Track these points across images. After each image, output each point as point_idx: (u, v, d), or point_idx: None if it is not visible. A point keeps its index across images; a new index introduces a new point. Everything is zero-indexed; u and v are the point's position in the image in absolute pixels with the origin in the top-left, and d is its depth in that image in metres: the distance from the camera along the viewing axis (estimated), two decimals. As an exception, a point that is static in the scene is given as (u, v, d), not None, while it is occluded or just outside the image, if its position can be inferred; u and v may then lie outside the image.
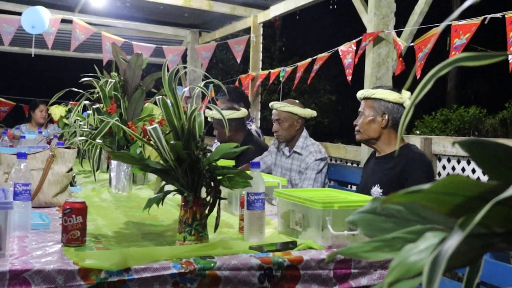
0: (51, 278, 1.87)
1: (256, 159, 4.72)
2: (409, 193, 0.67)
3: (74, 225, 2.19)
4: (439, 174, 3.98)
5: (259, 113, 7.21)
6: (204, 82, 2.44)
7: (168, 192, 2.25)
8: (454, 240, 0.62)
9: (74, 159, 3.29)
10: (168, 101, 2.22)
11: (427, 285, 0.61)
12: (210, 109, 4.88)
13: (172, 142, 2.12)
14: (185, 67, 2.33)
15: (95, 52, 8.57)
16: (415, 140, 3.93)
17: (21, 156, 2.50)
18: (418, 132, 13.58)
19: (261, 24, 7.08)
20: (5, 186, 2.54)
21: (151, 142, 2.18)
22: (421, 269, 0.65)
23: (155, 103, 3.71)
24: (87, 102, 4.27)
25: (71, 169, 3.25)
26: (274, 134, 4.52)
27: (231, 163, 3.67)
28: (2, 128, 7.19)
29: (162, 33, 8.61)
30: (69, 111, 6.20)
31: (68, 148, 3.31)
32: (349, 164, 5.05)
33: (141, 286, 1.93)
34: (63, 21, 7.09)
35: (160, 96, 2.25)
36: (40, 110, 7.81)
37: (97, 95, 4.05)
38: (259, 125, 7.04)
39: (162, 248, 2.16)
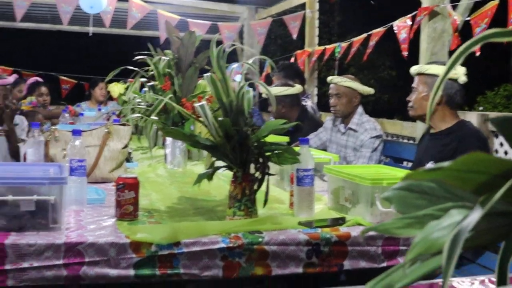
0: (104, 250, 1.93)
1: (311, 135, 4.72)
2: (431, 170, 0.68)
3: (127, 200, 2.25)
4: (496, 151, 3.90)
5: (316, 89, 7.17)
6: (252, 59, 2.44)
7: (218, 168, 2.28)
8: (473, 217, 0.62)
9: (129, 136, 3.36)
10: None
11: (446, 261, 0.62)
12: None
13: (220, 118, 2.15)
14: (233, 45, 2.32)
15: (152, 29, 8.67)
16: (472, 117, 3.85)
17: (76, 133, 2.57)
18: (480, 108, 13.27)
19: (317, 0, 7.02)
20: (62, 163, 2.62)
21: (200, 119, 2.21)
22: (442, 245, 0.65)
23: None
24: (143, 79, 4.34)
25: (126, 146, 3.32)
26: (331, 109, 4.50)
27: (285, 139, 3.68)
28: (63, 106, 7.37)
29: (218, 9, 8.61)
30: (127, 88, 6.29)
31: (123, 125, 3.39)
32: (405, 140, 5.00)
33: (190, 259, 1.98)
34: (120, -1, 7.20)
35: (209, 73, 2.27)
36: (100, 88, 7.96)
37: (152, 72, 4.11)
38: (315, 101, 7.01)
39: (211, 223, 2.20)
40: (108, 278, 1.92)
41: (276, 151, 2.22)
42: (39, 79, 7.58)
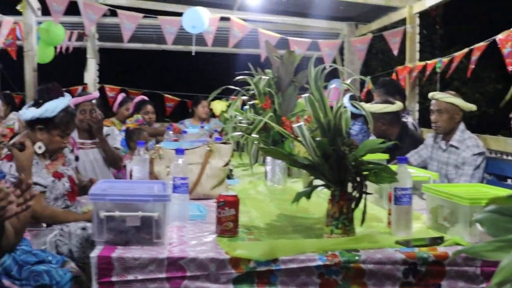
0: (204, 265, 2.01)
1: (412, 153, 4.68)
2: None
3: (227, 217, 2.32)
4: None
5: (417, 104, 7.08)
6: (350, 79, 2.47)
7: (316, 186, 2.31)
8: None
9: (230, 154, 3.45)
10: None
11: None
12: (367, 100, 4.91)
13: (318, 138, 2.19)
14: (331, 65, 2.34)
15: (253, 47, 8.81)
16: None
17: (179, 152, 2.68)
18: None
19: (417, 15, 6.94)
20: (166, 180, 2.73)
21: (299, 138, 2.26)
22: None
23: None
24: (245, 97, 4.44)
25: (227, 163, 3.41)
26: (433, 125, 4.45)
27: (385, 156, 3.67)
28: (167, 123, 7.62)
29: (318, 26, 8.66)
30: (229, 106, 6.42)
31: (225, 143, 3.48)
32: (509, 157, 4.85)
33: (287, 276, 2.02)
34: (222, 19, 7.36)
35: (307, 94, 2.31)
36: (202, 106, 8.17)
37: (253, 91, 4.20)
38: (416, 117, 6.92)
39: (308, 241, 2.23)
40: (208, 292, 2.00)
41: (374, 170, 2.23)
42: (145, 98, 7.87)
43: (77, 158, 4.24)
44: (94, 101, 5.43)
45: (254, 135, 3.81)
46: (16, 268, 2.71)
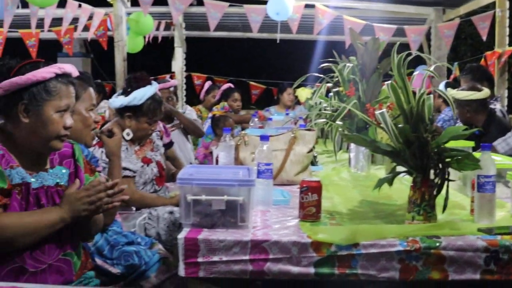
0: (287, 248, 2.07)
1: (499, 140, 4.58)
2: None
3: (310, 202, 2.37)
4: None
5: (506, 91, 6.90)
6: (435, 65, 2.46)
7: (398, 173, 2.33)
8: None
9: (314, 141, 3.49)
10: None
11: None
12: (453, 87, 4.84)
13: (400, 125, 2.21)
14: (408, 53, 2.31)
15: (337, 34, 8.79)
16: None
17: (264, 138, 2.74)
18: None
19: (508, -2, 6.76)
20: (251, 166, 2.80)
21: (381, 125, 2.28)
22: None
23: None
24: (329, 84, 4.47)
25: (311, 150, 3.45)
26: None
27: (470, 144, 3.62)
28: (253, 110, 7.73)
29: (404, 12, 8.53)
30: (314, 93, 6.46)
31: (309, 130, 3.53)
32: None
33: (368, 261, 2.05)
34: (306, 6, 7.38)
35: (389, 81, 2.33)
36: (288, 93, 8.25)
37: (337, 78, 4.22)
38: (505, 104, 6.75)
39: (389, 226, 2.26)
40: (290, 274, 2.05)
41: (456, 157, 2.23)
42: (232, 85, 8.01)
43: (171, 144, 4.39)
44: (172, 89, 5.63)
45: (338, 122, 3.84)
46: (107, 248, 2.85)
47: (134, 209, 3.55)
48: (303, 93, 7.24)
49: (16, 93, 2.16)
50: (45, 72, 2.18)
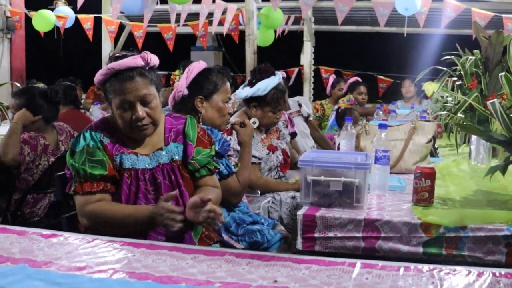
0: (397, 228, 2.22)
1: None
2: None
3: (423, 187, 2.50)
4: None
5: None
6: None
7: (510, 162, 2.41)
8: None
9: (433, 132, 3.57)
10: None
11: None
12: None
13: (512, 115, 2.29)
14: None
15: (465, 27, 8.64)
16: None
17: (382, 126, 2.89)
18: None
19: None
20: (369, 152, 2.96)
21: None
22: None
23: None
24: (455, 78, 4.50)
25: (430, 140, 3.55)
26: None
27: None
28: (378, 103, 7.80)
29: (538, 2, 8.25)
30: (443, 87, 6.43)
31: (428, 121, 3.62)
32: None
33: (475, 243, 2.17)
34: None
35: (503, 73, 2.40)
36: (403, 86, 8.32)
37: (460, 72, 4.26)
38: None
39: (498, 212, 2.34)
40: (400, 252, 2.20)
41: None
42: (359, 79, 8.11)
43: (295, 135, 4.59)
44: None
45: (459, 115, 3.89)
46: (234, 225, 3.09)
47: (259, 193, 3.78)
48: (430, 87, 7.20)
49: (104, 83, 2.39)
50: (99, 74, 2.36)
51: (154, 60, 2.41)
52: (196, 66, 3.09)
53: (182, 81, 3.04)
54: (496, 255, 2.16)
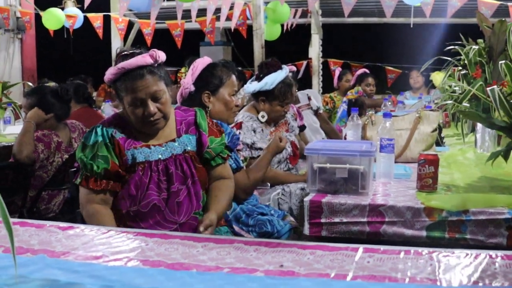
0: (401, 213, 2.29)
1: None
2: None
3: (427, 173, 2.56)
4: None
5: None
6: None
7: (511, 148, 2.47)
8: None
9: (438, 120, 3.64)
10: None
11: None
12: None
13: None
14: None
15: (471, 17, 8.64)
16: None
17: (387, 115, 2.96)
18: None
19: None
20: (373, 141, 3.02)
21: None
22: None
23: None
24: (460, 68, 4.55)
25: (435, 129, 3.61)
26: None
27: None
28: (386, 95, 7.85)
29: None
30: (450, 76, 6.46)
31: (433, 110, 3.68)
32: None
33: (477, 226, 2.23)
34: (440, -12, 7.38)
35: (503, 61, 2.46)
36: (411, 77, 8.38)
37: (464, 61, 4.30)
38: None
39: (499, 196, 2.41)
40: (404, 236, 2.27)
41: None
42: (366, 70, 8.16)
43: (303, 128, 4.66)
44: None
45: (465, 104, 3.94)
46: (244, 216, 3.16)
47: (268, 185, 3.85)
48: (438, 77, 7.25)
49: (115, 82, 2.47)
50: (109, 73, 2.44)
51: (162, 56, 2.48)
52: (201, 62, 3.17)
53: (188, 78, 3.11)
54: (498, 238, 2.22)
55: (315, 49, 11.20)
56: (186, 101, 3.14)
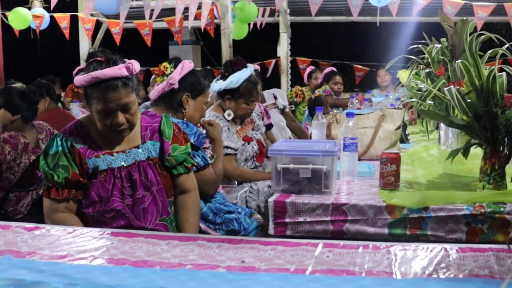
0: (364, 211, 2.34)
1: None
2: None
3: (389, 172, 2.62)
4: None
5: None
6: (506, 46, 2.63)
7: (471, 145, 2.54)
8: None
9: (402, 118, 3.70)
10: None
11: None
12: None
13: (469, 100, 2.41)
14: (480, 33, 2.51)
15: (436, 16, 8.73)
16: None
17: (349, 115, 3.01)
18: None
19: None
20: (337, 140, 3.07)
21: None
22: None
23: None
24: (424, 66, 4.62)
25: (399, 127, 3.67)
26: None
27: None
28: (354, 93, 7.93)
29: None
30: (416, 74, 6.54)
31: (397, 108, 3.74)
32: None
33: (437, 223, 2.29)
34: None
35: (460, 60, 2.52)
36: (378, 75, 8.48)
37: (427, 60, 4.38)
38: None
39: (459, 193, 2.48)
40: (366, 234, 2.32)
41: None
42: (334, 69, 8.23)
43: (271, 126, 4.70)
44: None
45: (428, 101, 4.01)
46: (211, 215, 3.19)
47: (236, 183, 3.88)
48: (404, 75, 7.33)
49: (86, 87, 2.43)
50: (81, 80, 2.39)
51: (137, 67, 2.46)
52: (188, 64, 3.20)
53: (176, 74, 3.12)
54: (457, 233, 2.28)
55: (283, 48, 11.23)
56: (164, 97, 3.15)
